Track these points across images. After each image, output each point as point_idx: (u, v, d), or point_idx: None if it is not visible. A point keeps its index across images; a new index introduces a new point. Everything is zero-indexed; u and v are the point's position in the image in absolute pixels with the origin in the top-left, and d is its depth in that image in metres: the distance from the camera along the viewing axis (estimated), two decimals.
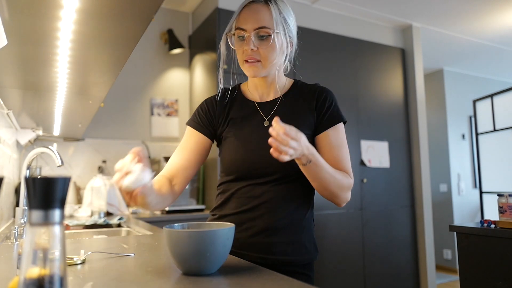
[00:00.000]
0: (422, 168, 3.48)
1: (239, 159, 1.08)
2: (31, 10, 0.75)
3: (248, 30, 1.03)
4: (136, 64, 3.16)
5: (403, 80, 3.64)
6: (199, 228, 0.87)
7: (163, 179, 1.07)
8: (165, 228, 0.78)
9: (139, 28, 0.87)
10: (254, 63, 1.04)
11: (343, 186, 1.02)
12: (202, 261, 0.74)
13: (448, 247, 4.71)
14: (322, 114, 1.08)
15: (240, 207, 1.08)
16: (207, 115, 1.15)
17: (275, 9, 1.03)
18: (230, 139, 1.11)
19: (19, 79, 1.28)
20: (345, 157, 1.07)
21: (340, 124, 1.09)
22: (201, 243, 0.73)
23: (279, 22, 1.03)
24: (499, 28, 3.78)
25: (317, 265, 2.86)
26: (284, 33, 1.04)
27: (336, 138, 1.07)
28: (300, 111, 1.10)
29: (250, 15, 1.03)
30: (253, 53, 1.03)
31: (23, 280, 0.40)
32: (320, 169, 0.96)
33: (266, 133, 0.97)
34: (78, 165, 2.91)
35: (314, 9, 3.25)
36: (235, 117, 1.13)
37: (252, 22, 1.02)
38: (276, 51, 1.03)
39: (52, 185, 0.40)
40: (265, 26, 1.01)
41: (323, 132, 1.08)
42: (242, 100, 1.16)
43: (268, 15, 1.02)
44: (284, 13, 1.05)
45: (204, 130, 1.14)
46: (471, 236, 1.82)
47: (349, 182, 1.05)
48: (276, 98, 1.13)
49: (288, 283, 0.70)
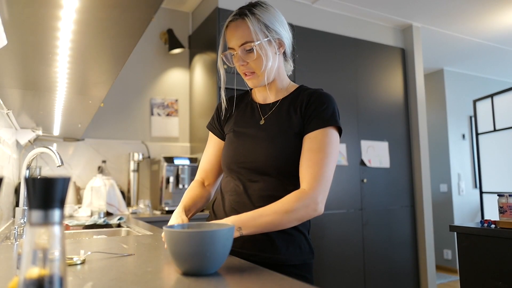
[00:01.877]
0: (422, 168, 3.48)
1: (232, 154, 1.13)
2: (31, 10, 0.74)
3: (235, 48, 1.08)
4: (136, 64, 3.16)
5: (403, 80, 3.64)
6: (199, 228, 0.87)
7: (198, 187, 1.21)
8: (164, 228, 0.78)
9: (139, 27, 0.87)
10: (250, 75, 1.10)
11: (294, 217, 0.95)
12: (202, 261, 0.74)
13: (448, 247, 4.70)
14: (308, 116, 1.06)
15: (233, 205, 1.10)
16: (218, 116, 1.25)
17: (251, 20, 1.05)
18: (228, 135, 1.19)
19: (19, 79, 1.28)
20: (318, 163, 0.98)
21: (327, 129, 1.02)
22: (201, 243, 0.73)
23: (258, 32, 1.05)
24: (499, 28, 3.78)
25: (317, 265, 2.86)
26: (267, 39, 1.06)
27: (317, 141, 1.01)
28: (291, 114, 1.09)
29: (232, 34, 1.07)
30: (246, 67, 1.09)
31: (23, 280, 0.40)
32: (260, 230, 0.94)
33: (260, 129, 1.11)
34: (78, 165, 2.91)
35: (314, 9, 3.25)
36: (238, 117, 1.19)
37: (235, 40, 1.07)
38: (263, 60, 1.06)
39: (52, 185, 0.40)
40: (247, 41, 1.05)
41: (305, 134, 1.05)
42: (248, 101, 1.22)
43: (246, 29, 1.05)
44: (264, 19, 1.06)
45: (216, 132, 1.25)
46: (471, 236, 1.82)
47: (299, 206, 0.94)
48: (277, 101, 1.15)
49: (288, 283, 0.70)
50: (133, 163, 2.97)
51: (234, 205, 1.10)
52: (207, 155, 1.25)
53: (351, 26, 3.43)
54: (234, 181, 1.13)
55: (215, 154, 1.24)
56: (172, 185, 2.79)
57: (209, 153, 1.25)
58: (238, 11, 1.08)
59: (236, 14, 1.07)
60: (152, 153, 3.15)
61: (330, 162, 1.00)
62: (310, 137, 1.03)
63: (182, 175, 2.82)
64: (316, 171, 0.98)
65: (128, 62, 2.89)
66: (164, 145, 3.22)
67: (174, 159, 2.84)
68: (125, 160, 3.06)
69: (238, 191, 1.11)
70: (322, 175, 0.98)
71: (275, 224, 0.95)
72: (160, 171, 2.85)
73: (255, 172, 1.08)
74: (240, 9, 1.08)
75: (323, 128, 1.03)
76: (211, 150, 1.25)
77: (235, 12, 1.08)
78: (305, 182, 0.99)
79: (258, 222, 0.94)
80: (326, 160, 1.00)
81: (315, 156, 1.00)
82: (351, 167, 3.17)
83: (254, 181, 1.08)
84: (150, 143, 3.17)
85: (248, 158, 1.09)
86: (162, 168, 2.81)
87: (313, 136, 1.03)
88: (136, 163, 2.98)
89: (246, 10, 1.06)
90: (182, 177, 2.82)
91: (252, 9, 1.07)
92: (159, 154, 3.09)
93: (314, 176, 0.98)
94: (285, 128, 1.08)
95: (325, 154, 1.00)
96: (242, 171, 1.10)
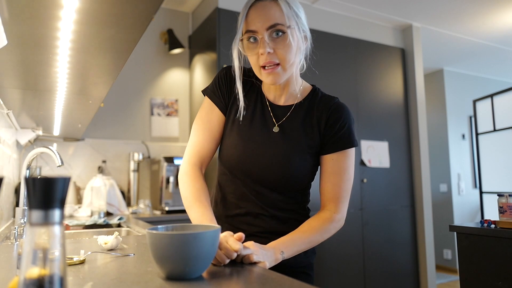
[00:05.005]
0: (422, 168, 3.48)
1: (241, 157, 1.02)
2: (31, 10, 0.75)
3: (259, 31, 0.92)
4: (136, 64, 3.16)
5: (403, 80, 3.64)
6: (183, 230, 0.84)
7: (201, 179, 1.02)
8: (147, 230, 0.75)
9: (139, 26, 0.87)
10: (272, 68, 0.94)
11: (326, 236, 1.00)
12: (185, 265, 0.70)
13: (448, 247, 4.71)
14: (330, 136, 1.01)
15: (236, 209, 1.06)
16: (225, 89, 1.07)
17: (284, 3, 0.93)
18: (234, 132, 1.04)
19: (19, 79, 1.28)
20: (342, 185, 1.01)
21: (348, 149, 1.02)
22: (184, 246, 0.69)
23: (291, 17, 0.93)
24: (499, 28, 3.78)
25: (317, 265, 2.86)
26: (298, 27, 0.96)
27: (339, 163, 1.01)
28: (307, 127, 1.02)
29: (259, 14, 0.92)
30: (270, 56, 0.93)
31: (23, 280, 0.40)
32: (298, 249, 0.95)
33: (274, 139, 1.01)
34: (78, 165, 2.91)
35: (314, 9, 3.25)
36: (246, 107, 1.05)
37: (263, 21, 0.92)
38: (293, 50, 0.95)
39: (52, 185, 0.40)
40: (278, 23, 0.92)
41: (327, 154, 1.02)
42: (257, 94, 1.07)
43: (278, 10, 0.92)
44: (294, 7, 0.96)
45: (219, 103, 1.06)
46: (471, 236, 1.82)
47: (331, 227, 1.00)
48: (290, 105, 1.05)
49: (288, 283, 0.70)
50: (133, 163, 2.97)
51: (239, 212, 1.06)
52: (204, 134, 1.04)
53: (351, 26, 3.43)
54: (237, 182, 1.06)
55: (213, 135, 1.05)
56: (172, 185, 2.79)
57: (207, 132, 1.04)
58: None
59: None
60: (152, 153, 3.15)
61: (351, 181, 1.04)
62: (333, 159, 1.02)
63: None
64: (341, 193, 1.01)
65: (128, 62, 2.89)
66: (164, 145, 3.22)
67: (174, 159, 2.84)
68: (125, 160, 3.06)
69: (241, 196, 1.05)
70: (346, 196, 1.03)
71: (312, 245, 0.99)
72: (160, 171, 2.85)
73: (263, 183, 1.02)
74: None
75: (345, 150, 1.02)
76: (208, 126, 1.04)
77: None
78: (332, 204, 1.02)
79: (299, 246, 0.95)
80: (349, 182, 1.03)
81: (339, 179, 1.01)
82: None
83: (259, 190, 1.03)
84: (150, 143, 3.17)
85: (257, 170, 1.01)
86: (162, 168, 2.82)
87: (335, 158, 1.02)
88: (136, 163, 2.98)
89: None
90: None
91: None
92: (159, 154, 3.09)
93: (340, 199, 1.02)
94: (301, 145, 1.01)
95: (347, 176, 1.02)
96: (250, 178, 1.03)
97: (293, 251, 0.94)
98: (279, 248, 0.91)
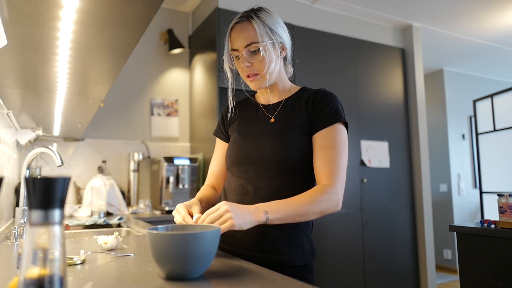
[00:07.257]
0: (422, 168, 3.48)
1: (237, 152, 1.15)
2: (31, 10, 0.75)
3: (240, 49, 1.11)
4: (136, 64, 3.16)
5: (403, 80, 3.64)
6: (183, 230, 0.84)
7: (209, 189, 1.24)
8: (147, 230, 0.75)
9: (140, 26, 0.87)
10: (253, 77, 1.13)
11: (317, 208, 0.98)
12: (184, 265, 0.71)
13: (448, 247, 4.71)
14: (316, 114, 1.10)
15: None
16: (223, 121, 1.30)
17: (257, 23, 1.09)
18: (233, 136, 1.21)
19: (19, 79, 1.28)
20: (333, 159, 1.04)
21: (336, 125, 1.07)
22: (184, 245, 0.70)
23: (263, 34, 1.09)
24: (499, 28, 3.78)
25: (317, 265, 2.86)
26: (272, 41, 1.10)
27: (328, 139, 1.06)
28: (297, 113, 1.13)
29: (238, 35, 1.10)
30: (250, 69, 1.12)
31: (23, 280, 0.40)
32: (285, 216, 0.95)
33: (269, 127, 1.15)
34: (78, 165, 2.91)
35: (314, 9, 3.25)
36: (242, 118, 1.23)
37: (241, 41, 1.10)
38: (267, 61, 1.10)
39: (52, 185, 0.40)
40: (252, 42, 1.08)
41: (316, 132, 1.09)
42: (251, 104, 1.25)
43: (252, 30, 1.09)
44: (268, 23, 1.10)
45: (222, 136, 1.29)
46: (471, 236, 1.82)
47: (323, 199, 0.99)
48: (280, 101, 1.19)
49: (288, 283, 0.70)
50: (133, 163, 2.97)
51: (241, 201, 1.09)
52: (216, 160, 1.29)
53: (351, 26, 3.43)
54: (238, 180, 1.13)
55: (222, 159, 1.26)
56: (172, 185, 2.79)
57: (217, 158, 1.28)
58: (244, 14, 1.12)
59: (242, 17, 1.12)
60: (152, 153, 3.15)
61: (344, 158, 1.06)
62: (321, 135, 1.07)
63: (182, 175, 2.82)
64: (333, 168, 1.03)
65: (128, 62, 2.89)
66: (164, 145, 3.22)
67: (174, 159, 2.84)
68: (125, 160, 3.06)
69: (241, 191, 1.11)
70: (339, 171, 1.04)
71: (300, 213, 0.97)
72: (160, 171, 2.85)
73: (261, 169, 1.09)
74: (245, 12, 1.12)
75: (332, 125, 1.07)
76: (218, 155, 1.28)
77: (240, 14, 1.13)
78: (324, 178, 1.03)
79: (284, 208, 0.95)
80: (340, 156, 1.05)
81: (329, 153, 1.05)
82: (351, 167, 3.17)
83: (259, 179, 1.09)
84: (150, 143, 3.17)
85: (255, 154, 1.11)
86: (162, 168, 2.82)
87: (324, 134, 1.07)
88: (136, 163, 2.98)
89: (252, 13, 1.11)
90: (182, 177, 2.82)
91: (257, 13, 1.11)
92: (159, 154, 3.09)
93: (332, 173, 1.03)
94: (291, 125, 1.11)
95: (338, 150, 1.05)
96: (248, 168, 1.12)
97: (278, 214, 0.94)
98: (262, 207, 0.94)
